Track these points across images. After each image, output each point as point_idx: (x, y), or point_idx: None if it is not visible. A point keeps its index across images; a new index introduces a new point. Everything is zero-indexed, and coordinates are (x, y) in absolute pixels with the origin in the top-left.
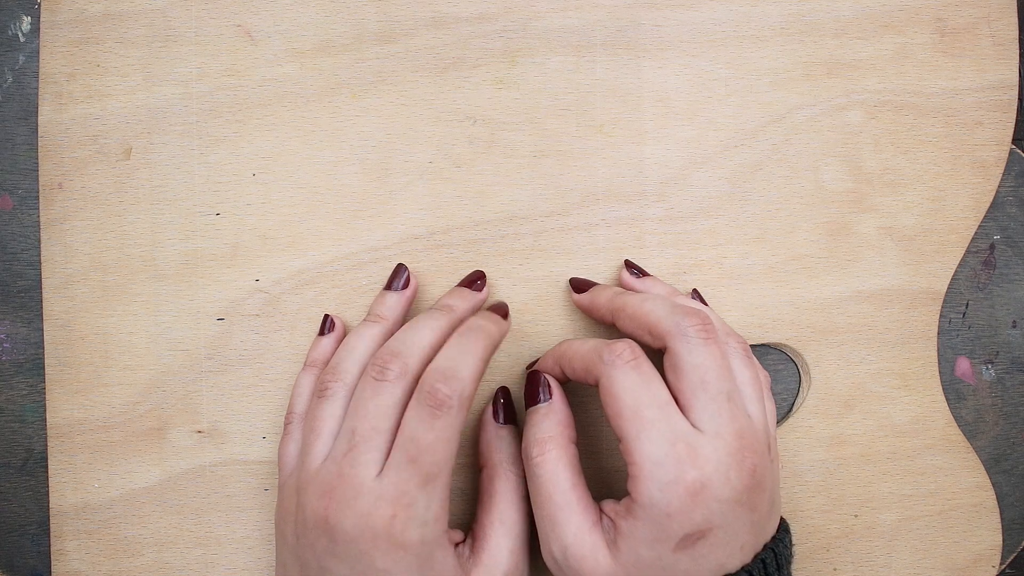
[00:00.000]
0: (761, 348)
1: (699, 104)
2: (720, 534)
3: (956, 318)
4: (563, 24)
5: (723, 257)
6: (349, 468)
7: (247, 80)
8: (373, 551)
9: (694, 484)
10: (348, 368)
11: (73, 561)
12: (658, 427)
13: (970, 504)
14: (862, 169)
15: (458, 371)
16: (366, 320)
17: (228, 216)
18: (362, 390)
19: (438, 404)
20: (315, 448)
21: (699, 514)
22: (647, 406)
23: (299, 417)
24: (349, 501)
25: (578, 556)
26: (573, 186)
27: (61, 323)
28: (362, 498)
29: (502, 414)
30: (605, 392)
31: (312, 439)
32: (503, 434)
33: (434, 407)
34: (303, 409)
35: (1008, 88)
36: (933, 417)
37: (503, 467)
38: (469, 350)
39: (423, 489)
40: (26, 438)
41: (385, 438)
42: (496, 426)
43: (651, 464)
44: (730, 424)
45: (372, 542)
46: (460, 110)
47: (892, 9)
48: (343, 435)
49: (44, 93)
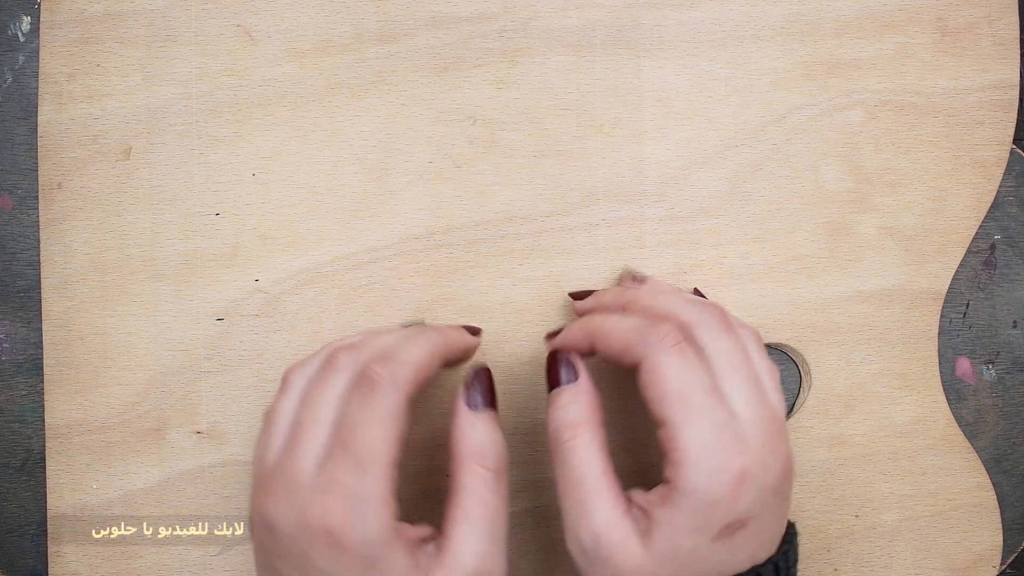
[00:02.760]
0: None
1: (699, 104)
2: (757, 524)
3: (957, 318)
4: (563, 24)
5: (723, 257)
6: (288, 461)
7: (247, 80)
8: (311, 550)
9: (740, 472)
10: (312, 362)
11: (71, 563)
12: (705, 413)
13: (970, 504)
14: (863, 169)
15: (396, 354)
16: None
17: (228, 216)
18: (311, 382)
19: (370, 383)
20: (268, 443)
21: (743, 503)
22: (694, 391)
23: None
24: (287, 496)
25: (609, 544)
26: (573, 186)
27: (60, 323)
28: (298, 492)
29: (478, 398)
30: (649, 374)
31: (266, 434)
32: (474, 422)
33: (366, 387)
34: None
35: (1009, 88)
36: (933, 417)
37: (468, 461)
38: (415, 340)
39: (358, 477)
40: (25, 438)
41: (327, 430)
42: (468, 412)
43: (698, 450)
44: (762, 409)
45: (310, 541)
46: (460, 110)
47: (893, 9)
48: (289, 429)
49: (44, 93)
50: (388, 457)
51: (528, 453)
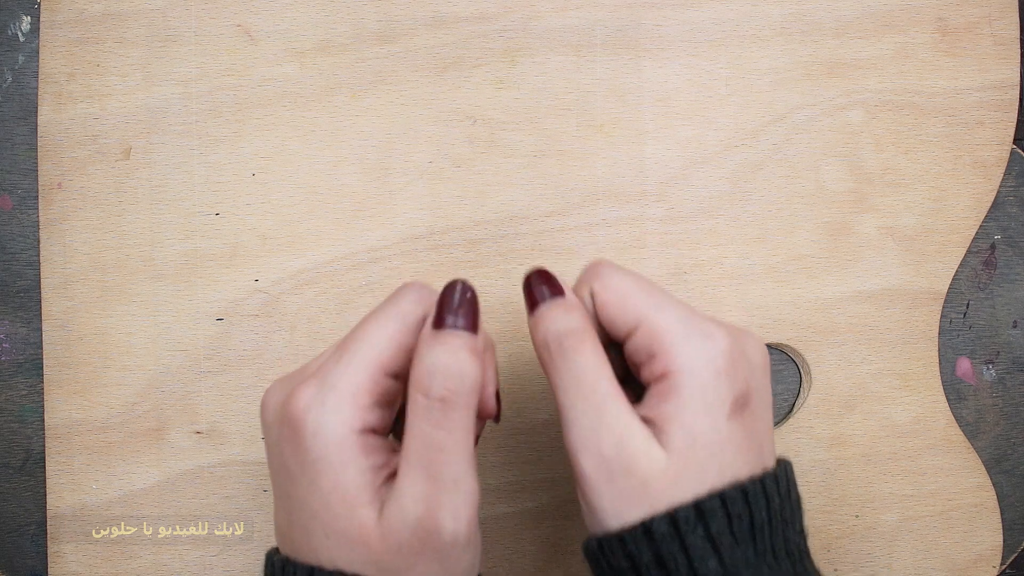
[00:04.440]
0: None
1: (699, 104)
2: (759, 404)
3: (957, 318)
4: (563, 24)
5: (723, 257)
6: (308, 363)
7: (247, 80)
8: (280, 439)
9: (728, 341)
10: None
11: (71, 563)
12: (671, 300)
13: (971, 504)
14: (863, 169)
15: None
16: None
17: (228, 216)
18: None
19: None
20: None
21: (741, 372)
22: (651, 287)
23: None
24: (283, 383)
25: (634, 450)
26: (573, 186)
27: (60, 323)
28: (292, 380)
29: (442, 315)
30: (602, 294)
31: None
32: (430, 343)
33: (385, 301)
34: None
35: (1009, 88)
36: (934, 417)
37: (411, 388)
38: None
39: (337, 366)
40: (25, 438)
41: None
42: (425, 333)
43: (682, 326)
44: (710, 319)
45: (280, 427)
46: (460, 110)
47: (893, 9)
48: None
49: (44, 93)
50: (375, 355)
51: (528, 453)
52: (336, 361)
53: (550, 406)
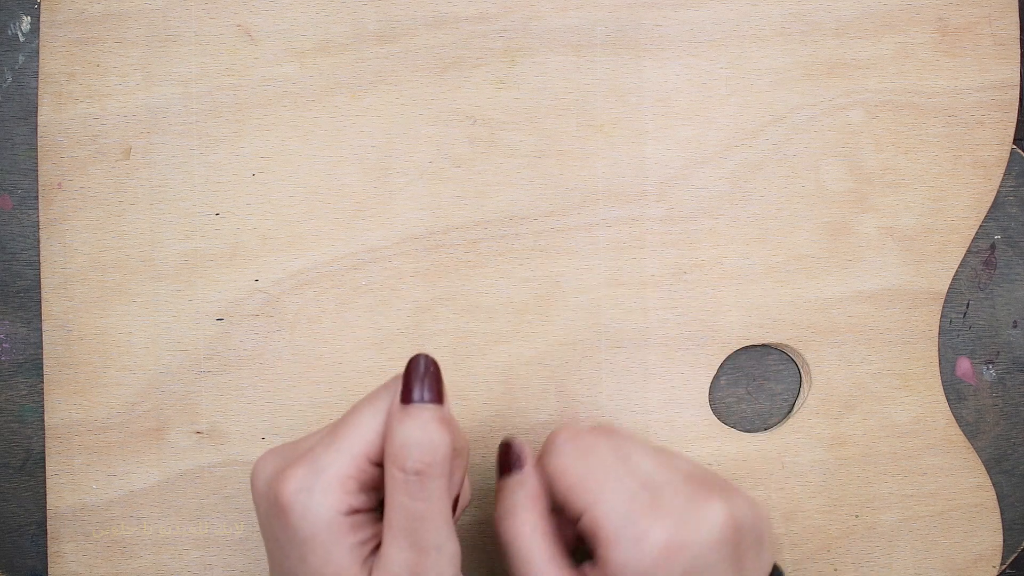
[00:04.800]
0: (761, 348)
1: (699, 104)
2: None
3: (957, 318)
4: (563, 24)
5: (723, 257)
6: (304, 438)
7: (247, 80)
8: (268, 514)
9: (665, 536)
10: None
11: (71, 563)
12: (613, 486)
13: (971, 504)
14: (863, 169)
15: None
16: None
17: (228, 216)
18: None
19: (382, 387)
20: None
21: (677, 566)
22: (597, 468)
23: None
24: (275, 457)
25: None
26: (573, 186)
27: (60, 323)
28: (284, 457)
29: (408, 390)
30: (552, 474)
31: None
32: (401, 418)
33: (379, 389)
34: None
35: (1009, 88)
36: (934, 417)
37: (388, 463)
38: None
39: (327, 451)
40: (25, 438)
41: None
42: (395, 408)
43: (616, 523)
44: (672, 472)
45: (267, 504)
46: (460, 110)
47: (893, 9)
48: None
49: (44, 93)
50: (363, 445)
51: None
52: (326, 447)
53: (549, 406)
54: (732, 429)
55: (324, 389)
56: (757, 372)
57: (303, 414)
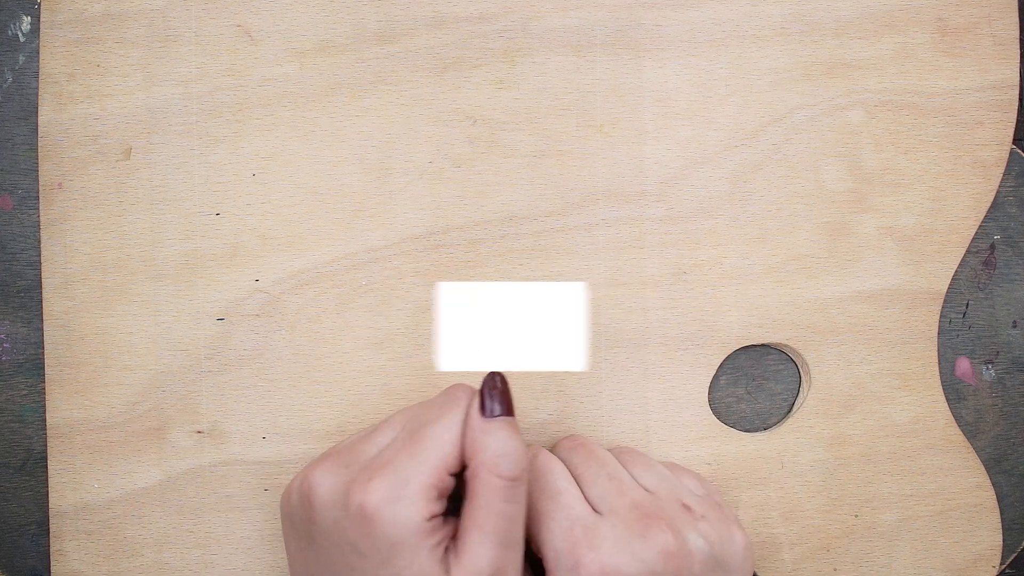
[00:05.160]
0: (761, 348)
1: (699, 104)
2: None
3: (956, 318)
4: (563, 24)
5: (723, 257)
6: (356, 444)
7: (247, 80)
8: (343, 523)
9: (598, 567)
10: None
11: (72, 562)
12: (554, 514)
13: (970, 504)
14: (862, 169)
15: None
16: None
17: (228, 216)
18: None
19: (452, 399)
20: (348, 438)
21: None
22: (539, 498)
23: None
24: (339, 468)
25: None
26: (573, 186)
27: (61, 323)
28: (351, 467)
29: (493, 404)
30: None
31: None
32: (489, 429)
33: (446, 400)
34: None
35: (1009, 88)
36: (933, 417)
37: (482, 471)
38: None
39: (411, 462)
40: (26, 438)
41: (403, 429)
42: (481, 420)
43: (552, 553)
44: (620, 498)
45: (344, 514)
46: (460, 110)
47: (892, 9)
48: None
49: (44, 93)
50: (444, 458)
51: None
52: (408, 459)
53: (550, 405)
54: (732, 429)
55: (324, 389)
56: (757, 372)
57: (303, 414)
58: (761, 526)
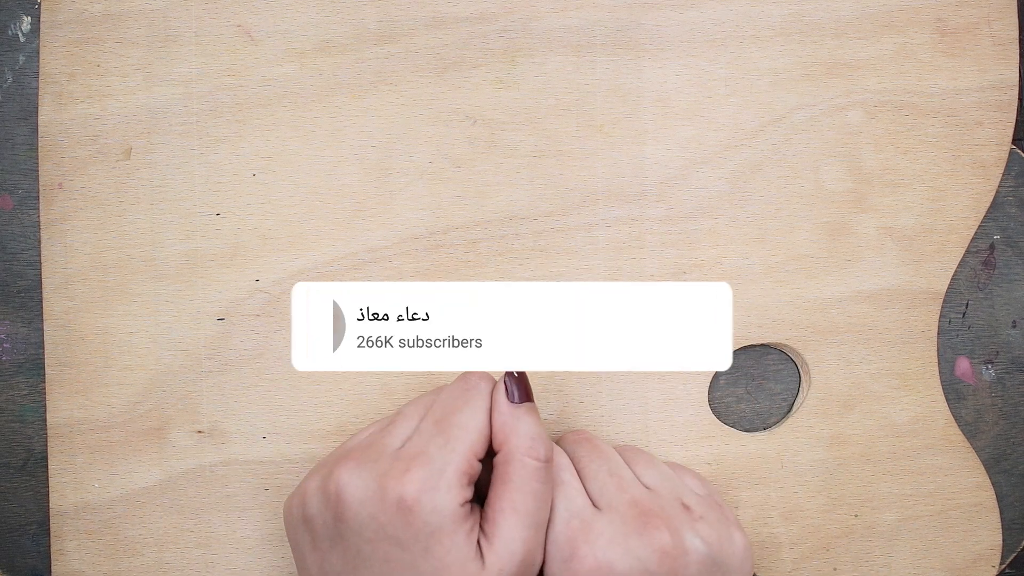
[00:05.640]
0: (761, 348)
1: (699, 104)
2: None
3: (956, 318)
4: (563, 24)
5: (723, 257)
6: (378, 438)
7: (247, 80)
8: (380, 517)
9: (593, 561)
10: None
11: (73, 561)
12: (554, 507)
13: (970, 504)
14: (862, 169)
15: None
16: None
17: (228, 216)
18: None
19: (471, 384)
20: (360, 432)
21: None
22: (543, 504)
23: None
24: (367, 464)
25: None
26: (573, 186)
27: (61, 323)
28: (380, 461)
29: (517, 392)
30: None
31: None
32: (519, 415)
33: (467, 386)
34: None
35: (1008, 88)
36: (933, 417)
37: (519, 454)
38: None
39: (444, 450)
40: (26, 438)
41: (423, 418)
42: (511, 407)
43: (550, 544)
44: (621, 495)
45: (381, 508)
46: (460, 110)
47: (892, 9)
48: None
49: (44, 93)
50: (473, 444)
51: None
52: (439, 448)
53: (550, 405)
54: (731, 429)
55: (324, 389)
56: (756, 372)
57: (303, 414)
58: (761, 526)
